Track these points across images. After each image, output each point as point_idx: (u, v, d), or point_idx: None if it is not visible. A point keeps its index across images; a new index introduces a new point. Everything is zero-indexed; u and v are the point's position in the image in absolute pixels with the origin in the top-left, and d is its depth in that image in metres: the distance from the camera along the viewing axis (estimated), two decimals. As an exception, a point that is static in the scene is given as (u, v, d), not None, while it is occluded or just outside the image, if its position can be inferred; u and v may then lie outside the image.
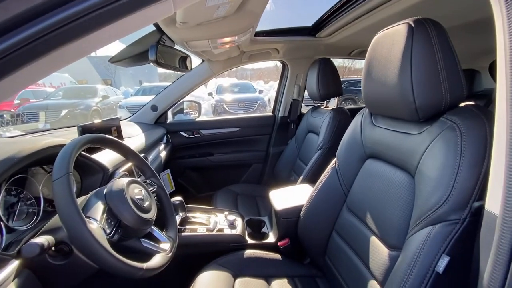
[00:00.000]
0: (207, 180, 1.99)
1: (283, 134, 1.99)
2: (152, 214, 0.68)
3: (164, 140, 1.72)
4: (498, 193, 0.37)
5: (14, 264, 0.51)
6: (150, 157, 1.40)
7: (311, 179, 1.31)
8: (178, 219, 1.13)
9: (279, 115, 1.99)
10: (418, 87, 0.59)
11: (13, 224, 0.63)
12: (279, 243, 1.09)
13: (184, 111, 1.99)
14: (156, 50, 0.91)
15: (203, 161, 1.94)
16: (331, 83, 1.43)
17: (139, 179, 0.73)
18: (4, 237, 0.59)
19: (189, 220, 1.15)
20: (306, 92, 1.75)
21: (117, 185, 0.63)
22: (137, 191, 0.67)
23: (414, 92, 0.59)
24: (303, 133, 1.71)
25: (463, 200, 0.49)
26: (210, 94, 9.13)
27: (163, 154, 1.56)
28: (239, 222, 1.19)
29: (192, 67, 1.66)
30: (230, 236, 1.10)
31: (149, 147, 1.44)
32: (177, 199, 1.12)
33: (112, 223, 0.58)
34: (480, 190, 0.48)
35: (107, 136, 0.70)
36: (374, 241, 0.73)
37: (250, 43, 1.49)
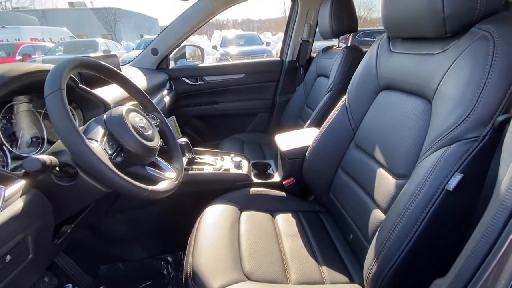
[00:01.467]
0: (213, 129, 1.98)
1: (290, 81, 1.89)
2: (155, 143, 0.68)
3: (167, 86, 1.66)
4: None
5: (21, 183, 0.52)
6: (153, 101, 1.37)
7: (319, 123, 1.27)
8: (184, 160, 1.15)
9: (287, 60, 1.87)
10: (449, -8, 0.50)
11: (17, 151, 0.63)
12: (284, 182, 1.11)
13: (187, 59, 1.90)
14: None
15: (208, 109, 1.91)
16: (345, 16, 1.29)
17: (140, 110, 0.71)
18: (9, 161, 0.59)
19: (195, 161, 1.16)
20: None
21: (116, 111, 0.61)
22: (137, 119, 0.65)
23: (444, -1, 0.51)
24: (312, 77, 1.62)
25: (486, 116, 0.45)
26: (214, 47, 8.68)
27: (166, 99, 1.53)
28: (245, 163, 1.20)
29: (191, 3, 1.52)
30: (236, 175, 1.11)
31: (151, 91, 1.40)
32: (183, 140, 1.12)
33: (114, 146, 0.57)
34: (507, 103, 0.43)
35: (102, 62, 0.66)
36: (381, 172, 0.72)
37: (255, -30, 1.32)
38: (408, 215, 0.50)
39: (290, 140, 1.14)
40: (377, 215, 0.69)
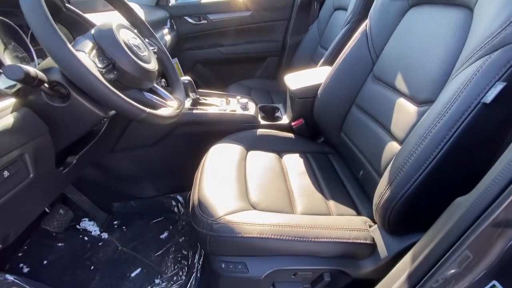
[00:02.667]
0: (218, 74, 1.88)
1: (303, 19, 1.70)
2: (153, 66, 0.62)
3: (168, 25, 1.53)
4: None
5: (11, 100, 0.49)
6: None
7: (333, 61, 1.16)
8: (188, 101, 1.10)
9: (300, -8, 1.66)
10: None
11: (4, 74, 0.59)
12: (293, 123, 1.06)
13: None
14: None
15: (213, 53, 1.78)
16: None
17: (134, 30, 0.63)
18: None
19: (200, 101, 1.11)
20: None
21: (105, 25, 0.54)
22: (130, 37, 0.58)
23: None
24: (328, 12, 1.45)
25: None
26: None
27: (167, 38, 1.41)
28: (252, 105, 1.14)
29: None
30: (242, 116, 1.07)
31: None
32: (186, 78, 1.05)
33: (105, 61, 0.52)
34: None
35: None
36: (401, 102, 0.65)
37: None
38: (432, 135, 0.45)
39: (300, 78, 1.05)
40: (393, 146, 0.64)
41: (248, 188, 0.73)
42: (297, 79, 1.05)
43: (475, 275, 0.38)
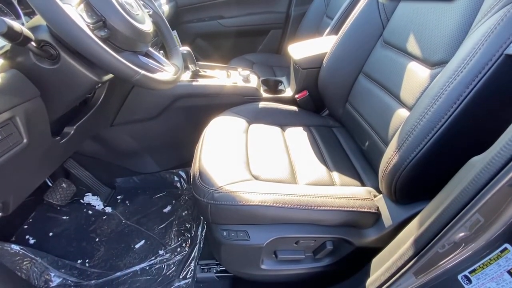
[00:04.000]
0: (219, 49, 1.81)
1: (308, -13, 1.60)
2: (147, 27, 0.58)
3: (166, -6, 1.45)
4: None
5: None
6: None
7: (339, 30, 1.10)
8: (188, 73, 1.06)
9: (305, -42, 1.55)
10: None
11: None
12: (297, 96, 1.02)
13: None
14: None
15: (213, 25, 1.70)
16: None
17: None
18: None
19: (200, 74, 1.07)
20: None
21: None
22: None
23: None
24: (334, -22, 1.35)
25: None
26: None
27: (165, 8, 1.34)
28: (254, 78, 1.10)
29: None
30: (244, 88, 1.03)
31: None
32: (185, 48, 1.00)
33: (94, 17, 0.48)
34: None
35: None
36: (412, 66, 0.61)
37: None
38: (446, 95, 0.42)
39: (305, 48, 1.00)
40: (402, 114, 0.61)
41: (250, 160, 0.72)
42: (301, 49, 1.00)
43: (486, 239, 0.37)
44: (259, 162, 0.71)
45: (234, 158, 0.70)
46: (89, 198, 1.14)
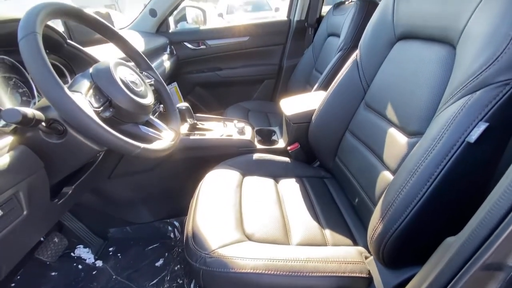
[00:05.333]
0: (217, 97, 1.92)
1: (298, 43, 1.77)
2: (148, 101, 0.63)
3: (168, 51, 1.58)
4: None
5: (8, 138, 0.50)
6: (153, 65, 1.31)
7: (327, 86, 1.19)
8: (186, 125, 1.11)
9: (295, 19, 1.72)
10: None
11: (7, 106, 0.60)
12: (289, 148, 1.07)
13: (188, 22, 1.78)
14: None
15: (211, 76, 1.83)
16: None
17: (130, 64, 0.66)
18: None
19: (197, 126, 1.12)
20: None
21: (103, 64, 0.57)
22: (127, 74, 0.61)
23: None
24: (322, 38, 1.50)
25: (523, 54, 0.38)
26: (220, 15, 8.24)
27: (167, 64, 1.46)
28: (248, 130, 1.16)
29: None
30: (239, 140, 1.08)
31: (150, 54, 1.33)
32: (183, 104, 1.07)
33: (101, 100, 0.54)
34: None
35: (85, 10, 0.60)
36: (392, 132, 0.66)
37: None
38: (420, 172, 0.46)
39: (295, 104, 1.08)
40: (386, 176, 0.65)
41: (243, 217, 0.73)
42: (292, 104, 1.08)
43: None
44: (252, 220, 0.72)
45: (227, 216, 0.71)
46: (80, 251, 1.11)
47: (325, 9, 1.67)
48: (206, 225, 0.68)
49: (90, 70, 0.56)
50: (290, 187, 0.89)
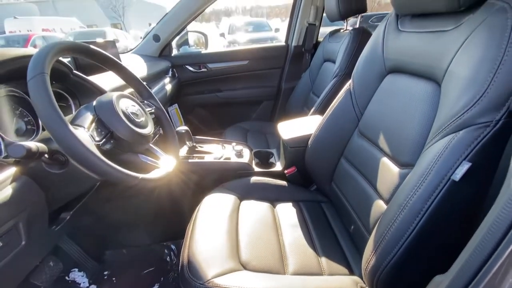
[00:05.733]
0: (216, 117, 1.96)
1: (296, 67, 1.83)
2: (148, 131, 0.66)
3: (170, 74, 1.64)
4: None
5: (11, 170, 0.52)
6: (155, 89, 1.35)
7: (323, 110, 1.23)
8: (185, 148, 1.14)
9: (293, 44, 1.79)
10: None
11: (12, 139, 0.63)
12: (286, 171, 1.08)
13: (190, 46, 1.86)
14: None
15: (211, 97, 1.88)
16: (353, -5, 1.21)
17: (133, 96, 0.69)
18: (2, 147, 0.59)
19: (196, 149, 1.15)
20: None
21: (106, 97, 0.60)
22: (129, 105, 0.63)
23: (459, -36, 0.45)
24: (318, 63, 1.56)
25: (500, 98, 0.40)
26: (222, 34, 8.53)
27: (168, 87, 1.50)
28: (246, 152, 1.18)
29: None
30: (237, 164, 1.10)
31: (153, 78, 1.38)
32: (183, 128, 1.10)
33: (103, 133, 0.56)
34: (526, 83, 0.39)
35: (92, 46, 0.64)
36: (385, 161, 0.68)
37: None
38: (409, 207, 0.47)
39: (292, 128, 1.10)
40: (379, 205, 0.66)
41: (240, 244, 0.73)
42: (289, 128, 1.10)
43: None
44: (248, 247, 0.72)
45: (223, 243, 0.71)
46: (75, 275, 1.09)
47: (324, 30, 1.75)
48: (201, 253, 0.68)
49: (94, 103, 0.59)
50: (287, 212, 0.89)
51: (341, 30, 1.43)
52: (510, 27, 0.40)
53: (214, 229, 0.76)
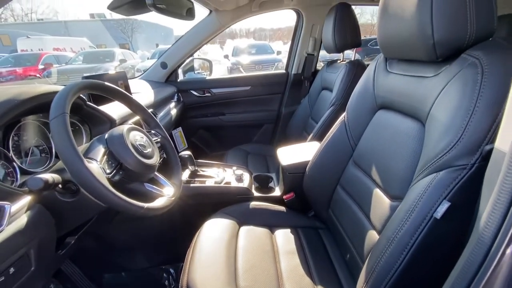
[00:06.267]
0: (219, 139, 2.02)
1: (296, 93, 1.91)
2: (154, 161, 0.70)
3: (175, 98, 1.72)
4: (510, 130, 0.33)
5: (26, 199, 0.56)
6: (161, 114, 1.41)
7: (321, 137, 1.27)
8: (187, 172, 1.18)
9: (292, 72, 1.89)
10: (438, 18, 0.51)
11: (27, 166, 0.68)
12: (284, 197, 1.11)
13: (196, 71, 1.96)
14: (154, -7, 0.85)
15: (214, 120, 1.95)
16: (348, 31, 1.30)
17: (141, 128, 0.74)
18: (19, 176, 0.64)
19: (198, 173, 1.19)
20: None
21: (117, 130, 0.65)
22: (138, 137, 0.69)
23: (434, 24, 0.51)
24: (316, 90, 1.63)
25: (474, 144, 0.45)
26: (226, 56, 8.84)
27: (173, 111, 1.57)
28: (246, 177, 1.22)
29: (199, 20, 1.58)
30: (237, 188, 1.13)
31: (159, 104, 1.45)
32: (186, 153, 1.15)
33: (113, 165, 0.60)
34: (494, 132, 0.43)
35: (107, 83, 0.70)
36: (377, 193, 0.72)
37: (260, -12, 1.36)
38: (397, 241, 0.50)
39: (291, 154, 1.15)
40: (372, 236, 0.68)
41: (238, 271, 0.75)
42: (288, 154, 1.15)
43: None
44: (246, 274, 0.74)
45: (222, 270, 0.73)
46: (73, 298, 1.09)
47: (322, 53, 1.84)
48: (200, 279, 0.70)
49: (106, 135, 0.64)
50: (285, 239, 0.91)
51: (338, 61, 1.52)
52: (480, 82, 0.46)
53: (213, 254, 0.78)
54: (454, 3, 0.49)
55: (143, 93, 1.39)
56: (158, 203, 0.65)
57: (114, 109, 0.96)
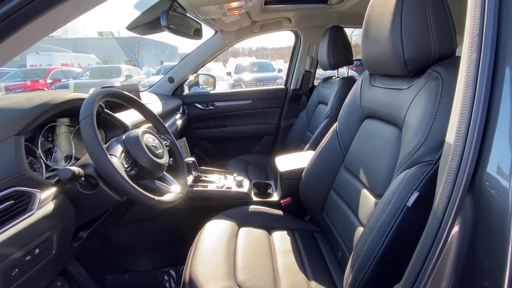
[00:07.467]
0: (220, 150, 2.11)
1: (294, 107, 2.02)
2: (164, 160, 0.79)
3: (181, 110, 1.83)
4: (454, 125, 0.41)
5: (53, 189, 0.64)
6: (167, 124, 1.51)
7: (316, 146, 1.35)
8: (191, 177, 1.25)
9: (291, 88, 2.01)
10: (407, 40, 0.61)
11: (51, 163, 0.76)
12: (282, 201, 1.18)
13: (200, 86, 2.08)
14: (167, 15, 0.97)
15: (217, 132, 2.04)
16: (341, 51, 1.42)
17: (152, 131, 0.83)
18: (44, 171, 0.72)
19: (201, 178, 1.26)
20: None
21: (133, 132, 0.74)
22: (151, 140, 0.77)
23: (404, 45, 0.61)
24: (313, 104, 1.74)
25: (437, 142, 0.53)
26: (228, 73, 9.13)
27: (179, 122, 1.67)
28: (246, 183, 1.29)
29: (206, 39, 1.72)
30: (237, 193, 1.20)
31: (166, 115, 1.55)
32: (190, 159, 1.23)
33: (130, 161, 0.69)
34: (451, 132, 0.52)
35: (126, 92, 0.80)
36: (364, 193, 0.79)
37: (261, 11, 1.50)
38: (377, 229, 0.57)
39: (288, 161, 1.23)
40: (360, 231, 0.75)
41: (237, 266, 0.81)
42: (285, 162, 1.23)
43: None
44: (244, 269, 0.80)
45: (222, 265, 0.79)
46: (77, 298, 1.13)
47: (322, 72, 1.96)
48: (201, 273, 0.76)
49: (123, 137, 0.73)
50: (282, 240, 0.97)
51: (333, 77, 1.64)
52: (441, 92, 0.55)
53: (214, 251, 0.84)
54: (418, 28, 0.59)
55: (152, 104, 1.49)
56: (167, 197, 0.72)
57: (126, 116, 1.06)
